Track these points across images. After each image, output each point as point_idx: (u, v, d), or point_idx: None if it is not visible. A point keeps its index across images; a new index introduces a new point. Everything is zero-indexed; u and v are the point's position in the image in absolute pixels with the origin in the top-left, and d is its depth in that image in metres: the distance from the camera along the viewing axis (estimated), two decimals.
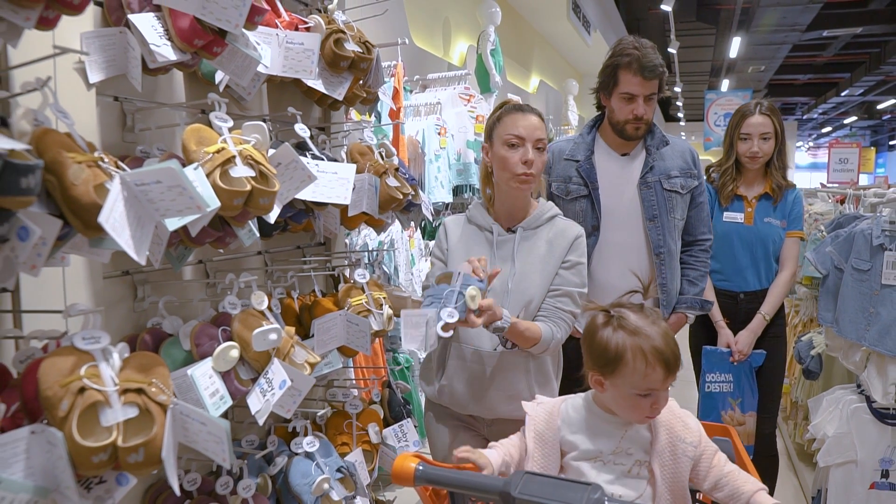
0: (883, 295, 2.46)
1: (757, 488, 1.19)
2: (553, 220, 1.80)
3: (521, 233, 1.77)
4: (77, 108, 1.17)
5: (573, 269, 1.75)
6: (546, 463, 1.29)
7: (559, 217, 1.82)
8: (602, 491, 0.97)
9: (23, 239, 0.82)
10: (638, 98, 2.11)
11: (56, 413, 0.84)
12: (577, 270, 1.75)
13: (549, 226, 1.79)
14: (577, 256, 1.77)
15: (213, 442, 0.95)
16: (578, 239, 1.78)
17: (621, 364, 1.20)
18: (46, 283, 1.16)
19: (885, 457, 2.53)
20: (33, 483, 0.85)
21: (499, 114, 1.75)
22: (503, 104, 1.77)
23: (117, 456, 0.86)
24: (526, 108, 1.75)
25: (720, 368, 2.60)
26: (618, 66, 2.11)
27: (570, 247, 1.76)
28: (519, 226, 1.78)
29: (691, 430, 1.27)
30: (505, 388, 1.72)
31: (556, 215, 1.82)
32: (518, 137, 1.69)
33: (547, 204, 1.84)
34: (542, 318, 1.71)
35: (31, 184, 0.76)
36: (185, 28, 1.16)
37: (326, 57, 1.56)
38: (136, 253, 0.90)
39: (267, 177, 1.20)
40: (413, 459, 1.12)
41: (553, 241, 1.77)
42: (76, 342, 0.90)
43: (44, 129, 0.88)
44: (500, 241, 1.77)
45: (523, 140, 1.69)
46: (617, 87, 2.14)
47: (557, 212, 1.83)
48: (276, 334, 1.24)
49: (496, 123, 1.74)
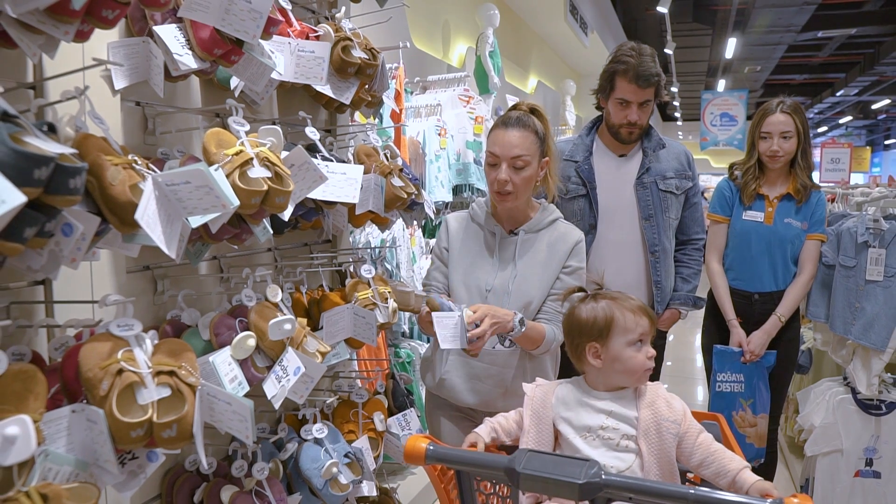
0: (867, 290, 2.54)
1: (742, 466, 1.27)
2: (554, 224, 1.84)
3: (522, 236, 1.81)
4: (103, 112, 1.25)
5: (574, 275, 1.80)
6: (540, 438, 1.39)
7: (560, 221, 1.86)
8: (599, 466, 1.06)
9: (67, 234, 0.91)
10: (632, 105, 2.17)
11: (97, 392, 0.92)
12: (577, 275, 1.81)
13: (550, 229, 1.83)
14: (577, 262, 1.82)
15: (237, 420, 1.03)
16: (579, 244, 1.82)
17: (613, 323, 1.37)
18: (75, 277, 1.24)
19: (869, 446, 2.63)
20: (74, 457, 0.94)
21: (492, 126, 1.78)
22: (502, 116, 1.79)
23: (152, 431, 0.94)
24: (511, 123, 1.73)
25: (731, 368, 2.58)
26: (615, 72, 2.18)
27: (570, 252, 1.80)
28: (521, 228, 1.82)
29: (675, 409, 1.36)
30: (501, 385, 1.80)
31: (558, 219, 1.85)
32: (493, 156, 1.73)
33: (549, 207, 1.87)
34: (543, 320, 1.77)
35: (78, 184, 0.84)
36: (206, 38, 1.24)
37: (335, 63, 1.65)
38: (168, 247, 0.99)
39: (282, 177, 1.28)
40: (424, 440, 1.21)
41: (554, 244, 1.81)
42: (112, 329, 0.99)
43: (84, 135, 0.96)
44: (503, 243, 1.82)
45: (499, 159, 1.72)
46: (613, 92, 2.21)
47: (559, 215, 1.87)
48: (290, 324, 1.33)
49: (488, 137, 1.77)
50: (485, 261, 1.83)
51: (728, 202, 2.65)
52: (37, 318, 1.18)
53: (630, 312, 1.38)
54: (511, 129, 1.72)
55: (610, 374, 1.38)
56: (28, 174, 0.77)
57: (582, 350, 1.40)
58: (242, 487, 1.46)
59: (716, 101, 12.39)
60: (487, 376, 1.80)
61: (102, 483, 0.96)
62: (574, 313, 1.43)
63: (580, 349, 1.40)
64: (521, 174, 1.72)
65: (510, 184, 1.72)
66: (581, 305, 1.43)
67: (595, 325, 1.38)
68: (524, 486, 1.09)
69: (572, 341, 1.43)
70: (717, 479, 1.29)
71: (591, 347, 1.38)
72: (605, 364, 1.37)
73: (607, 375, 1.39)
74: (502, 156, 1.71)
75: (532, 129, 1.74)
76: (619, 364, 1.36)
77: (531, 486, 1.09)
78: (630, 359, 1.36)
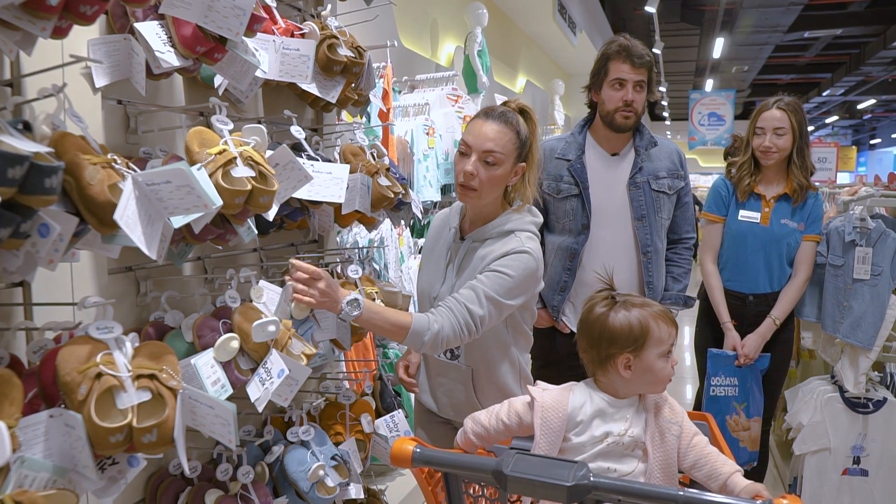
0: (855, 289, 2.55)
1: (734, 470, 1.27)
2: (509, 236, 1.60)
3: (468, 243, 1.66)
4: (84, 111, 1.23)
5: (493, 273, 1.54)
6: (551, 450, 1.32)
7: (517, 233, 1.60)
8: (587, 468, 1.05)
9: (43, 235, 0.89)
10: (627, 84, 2.16)
11: (75, 397, 0.90)
12: (497, 276, 1.54)
13: (501, 241, 1.60)
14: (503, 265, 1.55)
15: (219, 424, 1.02)
16: (517, 254, 1.56)
17: (649, 334, 1.30)
18: (54, 278, 1.22)
19: (857, 444, 2.64)
20: (52, 463, 0.91)
21: (475, 114, 1.67)
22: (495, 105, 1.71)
23: (132, 437, 0.92)
24: (492, 115, 1.60)
25: (725, 372, 2.56)
26: (608, 56, 2.19)
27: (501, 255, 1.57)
28: (469, 235, 1.67)
29: (676, 411, 1.35)
30: (449, 395, 1.76)
31: (515, 231, 1.61)
32: (466, 145, 1.59)
33: (512, 216, 1.64)
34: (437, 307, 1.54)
35: (54, 184, 0.82)
36: (188, 35, 1.22)
37: (320, 61, 1.63)
38: (148, 248, 0.97)
39: (266, 177, 1.26)
40: (410, 443, 1.19)
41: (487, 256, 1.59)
42: (91, 332, 0.97)
43: (61, 133, 0.94)
44: (454, 247, 1.71)
45: (470, 149, 1.57)
46: (607, 76, 2.20)
47: (521, 227, 1.62)
48: (274, 326, 1.31)
49: (467, 125, 1.66)
50: (440, 265, 1.73)
51: (724, 201, 2.63)
52: (15, 320, 1.16)
53: (663, 323, 1.32)
54: (490, 122, 1.58)
55: (637, 384, 1.34)
56: (1, 173, 0.75)
57: (612, 360, 1.32)
58: (227, 491, 1.44)
59: (704, 100, 12.46)
60: (438, 385, 1.78)
61: (81, 489, 0.93)
62: (603, 321, 1.33)
63: (609, 359, 1.32)
64: (489, 171, 1.56)
65: (476, 179, 1.56)
66: (610, 312, 1.33)
67: (630, 335, 1.31)
68: (511, 488, 1.08)
69: (598, 350, 1.33)
70: (709, 482, 1.29)
71: (624, 358, 1.31)
72: (634, 375, 1.32)
73: (633, 385, 1.34)
74: (474, 146, 1.56)
75: (514, 127, 1.59)
76: (650, 375, 1.32)
77: (519, 489, 1.08)
78: (661, 370, 1.32)
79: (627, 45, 2.15)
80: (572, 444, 1.34)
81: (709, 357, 2.60)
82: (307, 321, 1.53)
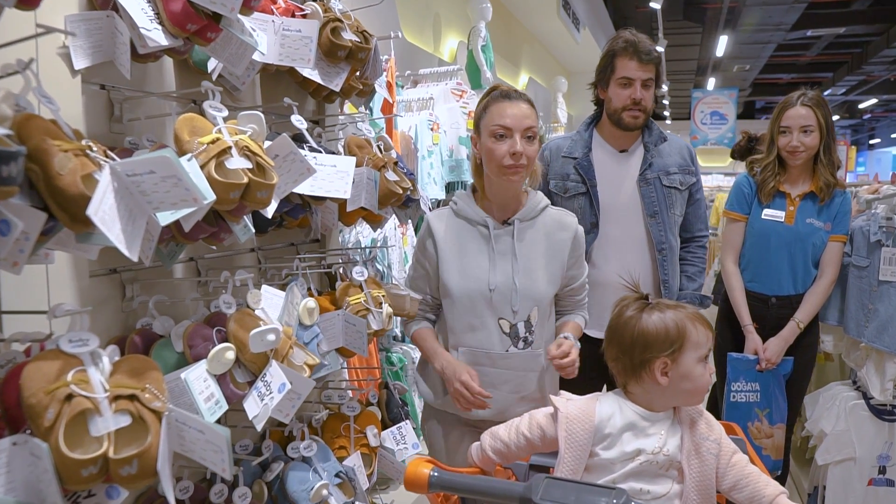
0: (881, 291, 2.45)
1: (779, 492, 1.16)
2: (546, 211, 1.78)
3: (518, 225, 1.72)
4: (61, 96, 1.09)
5: (578, 263, 1.80)
6: (577, 466, 1.22)
7: (550, 207, 1.80)
8: (627, 495, 0.93)
9: (3, 233, 0.76)
10: (635, 82, 2.12)
11: (41, 422, 0.77)
12: (580, 263, 1.82)
13: (543, 216, 1.76)
14: (580, 251, 1.80)
15: (211, 451, 0.89)
16: (578, 234, 1.78)
17: (686, 337, 1.22)
18: (28, 283, 1.09)
19: (883, 453, 2.53)
20: (14, 499, 0.79)
21: (486, 102, 1.68)
22: (491, 90, 1.70)
23: (108, 468, 0.79)
24: (514, 95, 1.68)
25: (747, 377, 2.46)
26: (614, 53, 2.14)
27: (571, 244, 1.76)
28: (515, 218, 1.72)
29: (713, 427, 1.25)
30: (517, 390, 1.70)
31: (548, 205, 1.79)
32: (505, 128, 1.63)
33: (538, 194, 1.80)
34: (568, 312, 1.82)
35: (13, 172, 0.70)
36: (178, 11, 1.10)
37: (323, 46, 1.50)
38: (128, 249, 0.84)
39: (264, 169, 1.14)
40: (426, 465, 1.06)
41: (552, 234, 1.74)
42: (62, 345, 0.84)
43: (26, 115, 0.81)
44: (497, 234, 1.71)
45: (510, 130, 1.63)
46: (614, 74, 2.15)
47: (548, 201, 1.80)
48: (274, 335, 1.18)
49: (483, 113, 1.68)
50: (481, 257, 1.71)
51: (747, 199, 2.54)
52: None
53: (700, 325, 1.23)
54: (516, 101, 1.66)
55: (674, 393, 1.23)
56: None
57: (647, 366, 1.22)
58: None
59: (706, 99, 12.37)
60: (503, 382, 1.69)
61: None
62: (635, 324, 1.24)
63: (644, 365, 1.22)
64: (532, 146, 1.66)
65: (524, 156, 1.63)
66: (643, 315, 1.24)
67: (667, 338, 1.21)
68: None
69: (632, 356, 1.24)
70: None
71: (661, 363, 1.21)
72: (672, 382, 1.21)
73: (670, 395, 1.23)
74: (514, 126, 1.62)
75: (533, 104, 1.71)
76: (689, 382, 1.22)
77: None
78: (700, 377, 1.22)
79: (634, 40, 2.11)
80: (600, 459, 1.22)
81: (729, 361, 2.50)
82: (311, 328, 1.41)
